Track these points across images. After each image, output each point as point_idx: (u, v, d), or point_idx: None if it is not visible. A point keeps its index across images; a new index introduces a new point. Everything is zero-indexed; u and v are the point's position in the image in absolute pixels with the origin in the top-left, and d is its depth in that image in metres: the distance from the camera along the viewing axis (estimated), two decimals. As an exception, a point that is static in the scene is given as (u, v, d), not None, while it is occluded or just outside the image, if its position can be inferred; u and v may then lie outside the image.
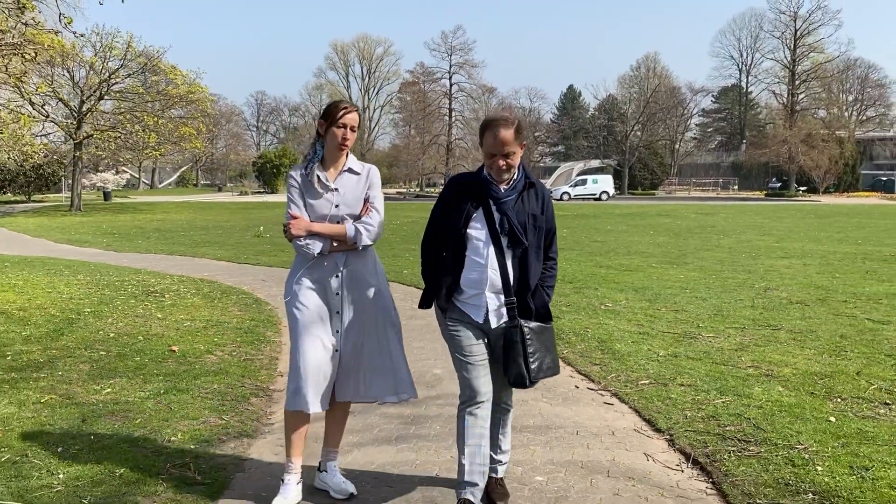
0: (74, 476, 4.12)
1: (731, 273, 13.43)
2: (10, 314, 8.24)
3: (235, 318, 8.72)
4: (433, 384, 6.16)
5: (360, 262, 3.91)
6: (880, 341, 7.68)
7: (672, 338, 7.81)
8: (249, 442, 4.78)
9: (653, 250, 18.08)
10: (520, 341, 3.66)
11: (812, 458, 4.34)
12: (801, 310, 9.61)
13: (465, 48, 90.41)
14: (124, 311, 8.87)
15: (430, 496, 4.04)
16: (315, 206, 3.87)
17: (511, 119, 3.68)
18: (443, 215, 3.80)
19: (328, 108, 3.91)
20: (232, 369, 6.42)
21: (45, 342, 7.18)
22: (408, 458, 4.55)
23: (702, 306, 9.82)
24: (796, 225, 29.13)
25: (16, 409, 5.25)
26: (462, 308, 3.75)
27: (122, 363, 6.51)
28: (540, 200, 3.78)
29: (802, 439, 4.66)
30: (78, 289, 10.29)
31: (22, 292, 9.63)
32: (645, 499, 3.95)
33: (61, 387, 5.78)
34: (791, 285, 11.83)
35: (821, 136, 75.35)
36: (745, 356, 6.99)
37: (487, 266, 3.68)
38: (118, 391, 5.69)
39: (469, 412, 3.68)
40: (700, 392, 5.77)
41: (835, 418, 5.11)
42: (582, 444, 4.72)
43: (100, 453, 4.45)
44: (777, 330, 8.26)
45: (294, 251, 3.89)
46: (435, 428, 5.06)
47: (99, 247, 20.96)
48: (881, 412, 5.29)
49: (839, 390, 5.82)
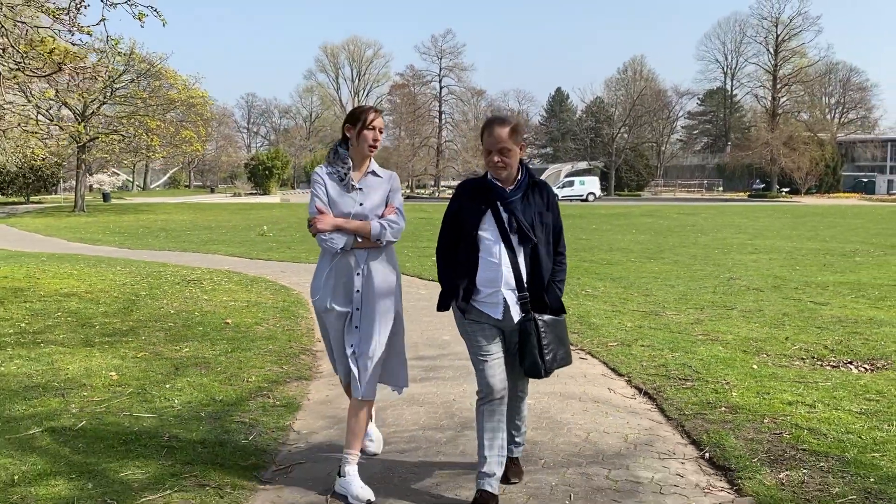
0: (186, 401, 5.59)
1: (701, 266, 14.95)
2: (81, 296, 9.72)
3: (269, 299, 10.21)
4: (443, 346, 7.64)
5: (379, 260, 4.09)
6: (815, 318, 9.18)
7: (639, 315, 9.32)
8: (307, 383, 6.25)
9: (633, 247, 19.60)
10: (534, 334, 3.82)
11: (731, 389, 5.86)
12: (756, 294, 11.11)
13: (455, 51, 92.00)
14: (174, 294, 10.35)
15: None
16: (340, 204, 4.02)
17: (508, 119, 3.92)
18: (454, 219, 3.98)
19: (356, 114, 4.08)
20: (279, 336, 7.90)
21: (121, 316, 8.68)
22: (431, 390, 6.04)
23: (669, 292, 11.33)
24: (771, 224, 30.71)
25: (120, 361, 6.73)
26: (480, 308, 3.90)
27: (190, 332, 7.99)
28: (545, 198, 3.98)
29: (727, 378, 6.17)
30: (126, 277, 11.76)
31: (80, 279, 11.10)
32: (605, 413, 5.45)
33: (149, 347, 7.27)
34: (753, 276, 13.34)
35: (802, 139, 77.11)
36: (698, 328, 8.49)
37: (501, 264, 3.84)
38: (194, 351, 7.17)
39: (487, 408, 3.87)
40: (656, 350, 7.28)
41: (756, 366, 6.62)
42: (560, 382, 6.19)
43: (198, 388, 5.92)
44: (731, 310, 9.75)
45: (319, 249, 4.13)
46: (448, 374, 6.54)
47: (112, 245, 21.99)
48: (795, 363, 6.80)
49: (767, 350, 7.33)
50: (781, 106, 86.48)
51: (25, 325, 8.13)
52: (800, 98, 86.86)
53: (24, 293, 9.84)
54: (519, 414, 4.19)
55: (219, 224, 32.55)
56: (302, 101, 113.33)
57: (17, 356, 6.80)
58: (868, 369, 6.61)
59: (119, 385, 5.97)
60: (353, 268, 4.02)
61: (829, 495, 3.85)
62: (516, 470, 4.21)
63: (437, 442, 4.83)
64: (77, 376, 6.17)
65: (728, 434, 4.80)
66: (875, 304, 10.17)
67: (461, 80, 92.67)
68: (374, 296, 4.03)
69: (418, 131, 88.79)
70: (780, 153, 76.67)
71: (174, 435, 4.82)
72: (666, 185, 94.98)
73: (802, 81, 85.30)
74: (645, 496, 3.97)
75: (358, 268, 4.03)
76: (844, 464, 4.25)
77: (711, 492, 4.04)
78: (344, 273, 4.03)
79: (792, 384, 6.00)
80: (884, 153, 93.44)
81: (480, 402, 3.91)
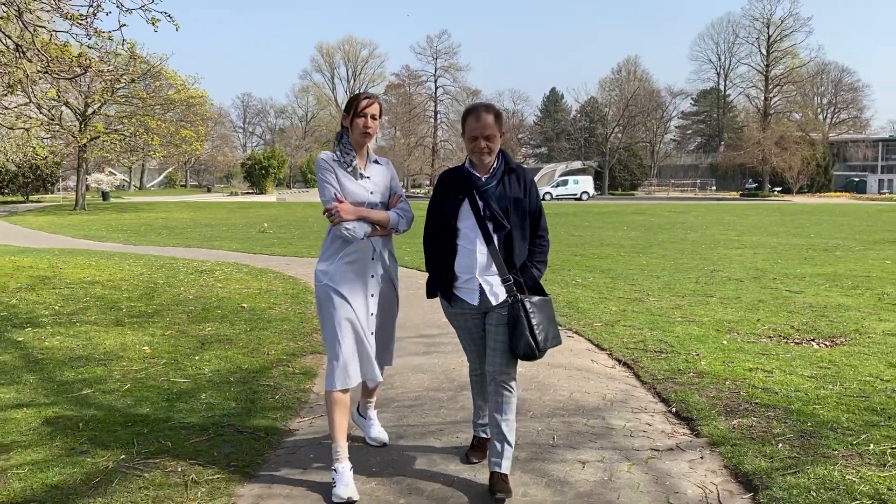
0: (215, 370, 6.28)
1: (687, 260, 15.66)
2: (104, 284, 10.42)
3: (279, 287, 10.91)
4: (442, 327, 8.30)
5: (388, 248, 4.26)
6: (788, 304, 9.88)
7: (624, 301, 10.03)
8: (321, 356, 6.93)
9: (624, 243, 20.32)
10: (524, 315, 3.85)
11: (699, 359, 6.57)
12: (736, 284, 11.82)
13: (451, 52, 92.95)
14: (189, 282, 11.04)
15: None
16: (352, 192, 4.07)
17: (491, 106, 4.02)
18: (436, 209, 4.09)
19: (350, 101, 4.15)
20: (292, 318, 8.60)
21: (144, 301, 9.37)
22: (433, 361, 6.74)
23: (655, 282, 12.03)
24: (760, 222, 31.45)
25: (150, 338, 7.42)
26: (459, 294, 4.02)
27: (210, 314, 8.69)
28: (522, 183, 4.03)
29: (698, 351, 6.88)
30: (141, 268, 12.45)
31: (100, 270, 11.79)
32: (587, 378, 6.16)
33: (174, 326, 7.97)
34: (735, 268, 14.05)
35: (793, 139, 78.03)
36: (678, 312, 9.20)
37: (476, 251, 3.93)
38: (216, 329, 7.87)
39: (476, 378, 4.33)
40: (636, 329, 7.99)
41: (726, 342, 7.34)
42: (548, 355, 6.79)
43: (224, 360, 6.61)
44: (710, 297, 10.45)
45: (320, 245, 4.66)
46: (447, 349, 7.24)
47: (117, 242, 22.55)
48: (762, 340, 7.51)
49: (738, 329, 8.04)
50: (773, 106, 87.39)
51: (59, 308, 8.83)
52: (792, 98, 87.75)
53: (52, 281, 10.53)
54: (505, 415, 3.97)
55: (219, 222, 33.18)
56: (298, 100, 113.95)
57: (58, 333, 7.51)
58: (828, 345, 7.32)
59: (153, 357, 6.66)
60: (368, 255, 4.10)
61: (771, 435, 4.56)
62: (504, 487, 3.88)
63: (439, 400, 5.54)
64: (114, 350, 6.87)
65: (693, 393, 5.52)
66: (846, 293, 10.87)
67: (456, 80, 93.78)
68: (386, 282, 4.19)
69: (414, 131, 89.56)
70: (772, 153, 77.61)
71: (209, 395, 5.52)
72: (659, 184, 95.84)
73: (794, 82, 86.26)
74: (617, 438, 4.68)
75: (374, 254, 4.12)
76: (788, 413, 4.97)
77: (674, 436, 4.75)
78: (360, 261, 4.07)
79: (756, 356, 6.71)
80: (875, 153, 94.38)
81: (472, 373, 4.34)
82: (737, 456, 4.26)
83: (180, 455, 4.33)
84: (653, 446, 4.54)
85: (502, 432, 3.94)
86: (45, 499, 3.76)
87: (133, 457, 4.30)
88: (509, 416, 3.97)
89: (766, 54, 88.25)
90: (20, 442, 4.53)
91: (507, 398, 3.96)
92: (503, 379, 3.96)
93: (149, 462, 4.22)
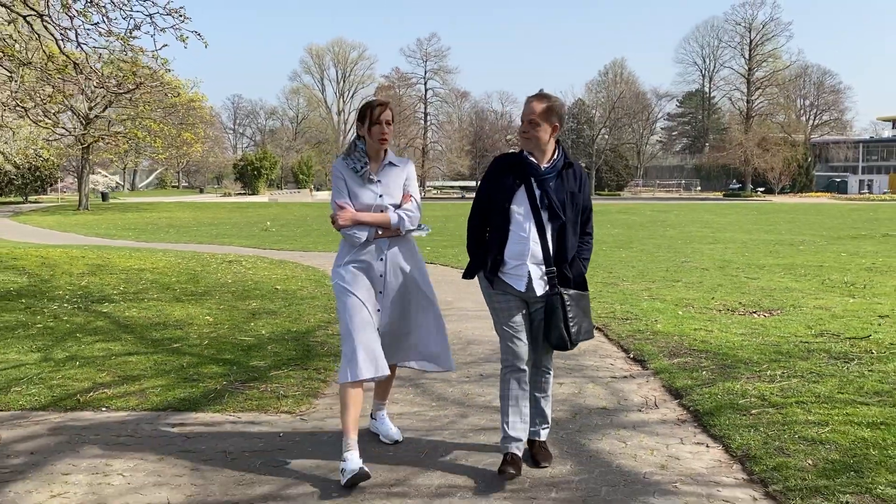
0: (270, 332, 7.85)
1: (663, 253, 17.30)
2: (152, 270, 12.00)
3: (301, 274, 12.50)
4: (447, 304, 9.92)
5: (401, 247, 4.32)
6: (743, 287, 11.50)
7: (601, 285, 11.62)
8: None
9: (606, 239, 21.91)
10: (560, 307, 3.93)
11: (657, 323, 8.20)
12: (702, 273, 13.44)
13: (440, 55, 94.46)
14: (223, 270, 12.63)
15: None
16: (360, 197, 4.24)
17: (548, 96, 4.02)
18: (488, 192, 4.06)
19: (363, 110, 4.26)
20: (319, 296, 10.18)
21: (192, 284, 10.96)
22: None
23: (630, 271, 13.65)
24: (737, 220, 33.16)
25: (208, 310, 9.00)
26: (505, 279, 4.03)
27: (251, 293, 10.28)
28: (578, 179, 4.08)
29: (657, 319, 8.50)
30: (175, 259, 14.02)
31: (142, 260, 13.36)
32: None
33: (224, 302, 9.55)
34: (704, 259, 15.69)
35: (774, 140, 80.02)
36: (646, 293, 10.81)
37: (529, 238, 3.95)
38: (260, 305, 9.45)
39: (511, 376, 4.06)
40: (608, 304, 9.61)
41: (681, 313, 8.97)
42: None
43: (274, 325, 8.19)
44: (676, 282, 12.07)
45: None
46: (454, 318, 8.79)
47: (128, 239, 23.72)
48: (712, 312, 9.13)
49: (695, 305, 9.66)
50: (757, 109, 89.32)
51: (123, 289, 10.41)
52: (774, 100, 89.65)
53: (106, 268, 12.08)
54: (544, 394, 4.26)
55: (221, 221, 34.49)
56: (289, 102, 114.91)
57: (132, 307, 9.09)
58: (765, 316, 8.94)
59: (216, 324, 8.24)
60: (375, 255, 4.24)
61: (699, 367, 6.19)
62: (545, 454, 4.23)
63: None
64: (183, 319, 8.45)
65: (647, 344, 7.14)
66: (796, 279, 12.50)
67: (446, 82, 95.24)
68: (397, 279, 4.32)
69: (404, 132, 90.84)
70: (754, 154, 79.63)
71: (273, 347, 7.10)
72: (645, 185, 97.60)
73: (776, 84, 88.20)
74: (586, 371, 6.30)
75: (381, 254, 4.25)
76: (716, 355, 6.60)
77: (629, 370, 6.37)
78: (367, 260, 4.25)
79: (703, 322, 8.35)
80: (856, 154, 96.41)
81: (505, 371, 4.10)
82: (671, 379, 5.89)
83: (267, 381, 5.92)
84: (612, 375, 6.17)
85: (541, 408, 4.26)
86: (179, 406, 5.33)
87: (232, 382, 5.89)
88: (548, 393, 4.30)
89: (747, 58, 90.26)
90: (144, 374, 6.11)
91: (548, 379, 4.27)
92: (546, 365, 4.26)
93: (245, 385, 5.81)
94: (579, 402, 5.42)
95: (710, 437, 4.66)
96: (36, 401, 5.42)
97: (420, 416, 5.17)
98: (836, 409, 4.90)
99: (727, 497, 3.79)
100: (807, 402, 5.09)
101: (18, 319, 8.22)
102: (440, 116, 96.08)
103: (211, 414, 5.17)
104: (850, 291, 10.76)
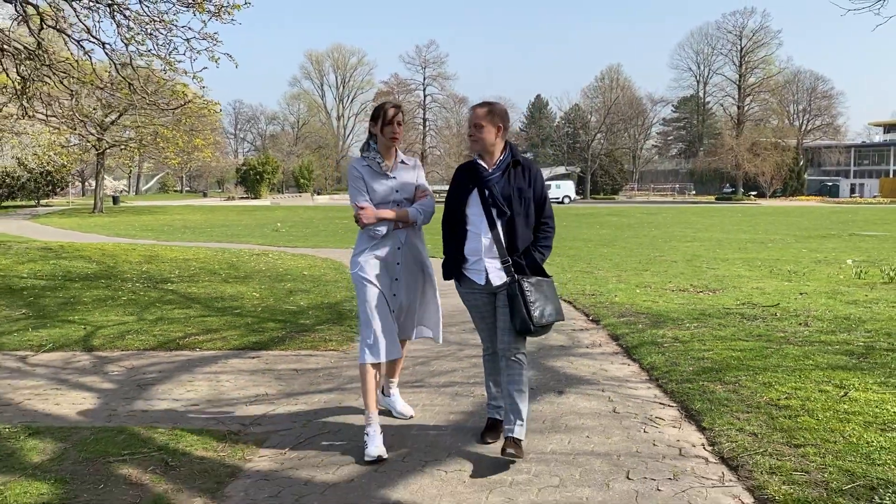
0: (308, 303, 9.84)
1: (643, 250, 19.19)
2: (195, 260, 14.02)
3: (322, 264, 14.52)
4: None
5: (414, 237, 4.74)
6: (700, 275, 13.46)
7: (578, 273, 13.63)
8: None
9: (593, 238, 23.81)
10: (520, 294, 4.15)
11: (615, 297, 10.22)
12: (670, 264, 15.39)
13: (439, 61, 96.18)
14: (255, 260, 14.65)
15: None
16: (379, 192, 4.60)
17: (491, 102, 4.42)
18: (450, 198, 4.45)
19: (377, 111, 4.66)
20: (342, 280, 12.19)
21: (233, 270, 12.99)
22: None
23: (606, 262, 15.64)
24: (721, 222, 34.84)
25: (253, 289, 11.02)
26: (468, 276, 4.40)
27: (284, 277, 12.32)
28: (527, 174, 4.34)
29: (619, 296, 10.50)
30: (207, 253, 16.03)
31: (183, 252, 15.37)
32: (543, 307, 9.79)
33: (264, 283, 11.58)
34: (676, 255, 17.62)
35: (764, 145, 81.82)
36: (615, 278, 12.80)
37: (482, 235, 4.28)
38: (294, 285, 11.47)
39: (488, 358, 4.64)
40: (580, 285, 11.63)
41: (639, 291, 10.97)
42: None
43: (309, 299, 10.18)
44: (645, 271, 14.04)
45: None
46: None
47: (148, 239, 24.95)
48: (666, 292, 11.10)
49: (653, 287, 11.65)
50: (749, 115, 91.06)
51: (178, 273, 12.45)
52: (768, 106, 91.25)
53: (157, 258, 14.12)
54: (518, 386, 4.31)
55: (231, 222, 35.81)
56: (289, 107, 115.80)
57: (191, 286, 11.13)
58: (709, 294, 10.93)
59: (262, 298, 10.25)
60: (393, 246, 4.64)
61: (640, 322, 8.22)
62: (516, 448, 4.20)
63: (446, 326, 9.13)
64: (235, 295, 10.47)
65: (605, 310, 9.16)
66: (750, 269, 14.41)
67: (444, 88, 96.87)
68: (411, 265, 4.75)
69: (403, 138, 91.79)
70: (744, 159, 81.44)
71: (314, 312, 9.12)
72: (640, 189, 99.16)
73: (768, 90, 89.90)
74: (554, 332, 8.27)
75: (398, 244, 4.65)
76: (655, 315, 8.63)
77: (586, 327, 8.38)
78: (386, 251, 4.64)
79: (654, 297, 10.36)
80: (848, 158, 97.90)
81: (484, 354, 4.66)
82: (614, 329, 7.94)
83: (315, 332, 7.94)
84: (572, 329, 8.20)
85: (516, 403, 4.29)
86: (253, 346, 7.34)
87: (289, 331, 7.91)
88: (522, 387, 4.31)
89: (739, 65, 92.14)
90: (221, 328, 8.15)
91: (519, 370, 4.31)
92: (513, 353, 4.32)
93: (299, 333, 7.84)
94: (545, 343, 7.44)
95: (631, 359, 6.73)
96: (147, 344, 7.44)
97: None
98: (724, 343, 6.95)
99: (632, 388, 5.83)
100: (706, 340, 7.14)
101: (105, 294, 10.28)
102: (438, 122, 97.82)
103: (279, 351, 7.19)
104: (789, 277, 12.71)
